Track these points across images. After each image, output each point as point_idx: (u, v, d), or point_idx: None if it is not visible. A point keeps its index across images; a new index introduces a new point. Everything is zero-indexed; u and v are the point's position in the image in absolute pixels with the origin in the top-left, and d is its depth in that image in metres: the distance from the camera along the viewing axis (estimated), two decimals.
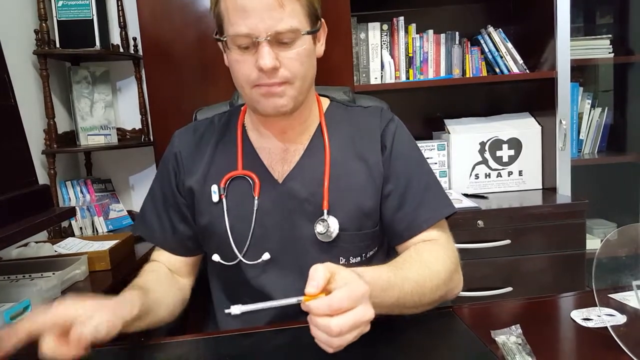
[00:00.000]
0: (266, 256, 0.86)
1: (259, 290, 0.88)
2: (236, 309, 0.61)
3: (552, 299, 0.88)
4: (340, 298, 0.58)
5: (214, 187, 0.88)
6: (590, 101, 2.11)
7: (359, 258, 0.89)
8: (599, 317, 0.76)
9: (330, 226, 0.84)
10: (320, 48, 0.87)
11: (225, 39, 0.80)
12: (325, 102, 0.97)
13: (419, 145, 2.13)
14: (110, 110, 2.12)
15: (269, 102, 0.81)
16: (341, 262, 0.87)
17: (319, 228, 0.84)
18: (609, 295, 0.80)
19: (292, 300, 0.61)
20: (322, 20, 0.85)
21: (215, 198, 0.88)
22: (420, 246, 0.86)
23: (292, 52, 0.78)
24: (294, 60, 0.79)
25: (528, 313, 0.84)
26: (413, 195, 0.88)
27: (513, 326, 0.72)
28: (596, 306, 0.73)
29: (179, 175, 0.93)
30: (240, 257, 0.87)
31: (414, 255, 0.81)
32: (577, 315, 0.78)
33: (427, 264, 0.79)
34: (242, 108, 0.97)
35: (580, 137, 2.13)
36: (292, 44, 0.78)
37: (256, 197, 0.87)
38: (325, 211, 0.85)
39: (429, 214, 0.87)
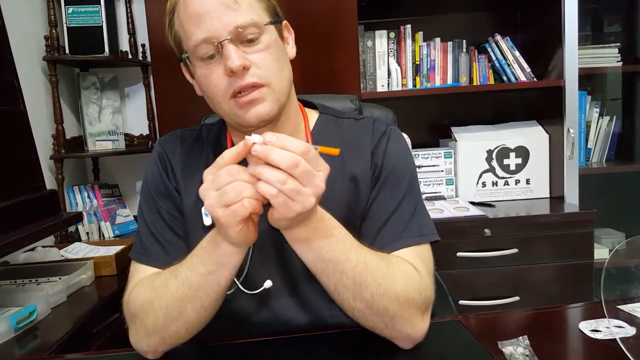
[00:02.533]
0: (268, 284, 0.81)
1: (256, 322, 0.82)
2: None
3: (560, 309, 0.88)
4: (312, 147, 0.59)
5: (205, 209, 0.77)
6: (598, 110, 2.10)
7: None
8: (608, 328, 0.75)
9: None
10: (292, 50, 0.82)
11: (186, 55, 0.76)
12: (314, 115, 0.90)
13: (425, 153, 2.10)
14: (118, 116, 2.14)
15: (250, 113, 0.74)
16: None
17: None
18: (618, 307, 0.79)
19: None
20: (286, 21, 0.81)
21: (207, 222, 0.82)
22: (393, 256, 0.78)
23: (259, 49, 0.73)
24: (264, 58, 0.74)
25: (536, 323, 0.83)
26: (399, 218, 0.80)
27: (520, 337, 0.71)
28: (605, 317, 0.72)
29: (170, 178, 0.86)
30: (238, 283, 0.81)
31: (382, 253, 0.75)
32: (586, 326, 0.77)
33: (389, 264, 0.73)
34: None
35: (588, 146, 2.12)
36: (258, 40, 0.73)
37: None
38: None
39: (409, 235, 0.79)
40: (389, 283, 0.70)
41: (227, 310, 0.81)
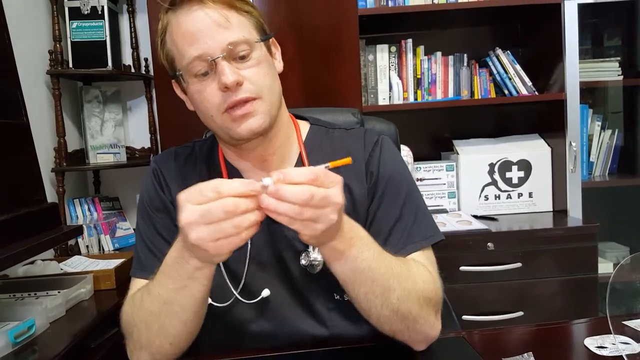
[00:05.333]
0: (266, 292, 0.81)
1: (257, 332, 0.83)
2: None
3: (565, 325, 0.86)
4: (319, 169, 0.60)
5: None
6: (600, 123, 2.10)
7: None
8: (614, 345, 0.73)
9: (312, 257, 0.80)
10: (279, 65, 0.85)
11: (180, 72, 0.78)
12: (305, 126, 0.92)
13: (427, 165, 2.11)
14: (120, 129, 2.14)
15: (242, 127, 0.76)
16: (336, 297, 0.82)
17: (303, 262, 0.81)
18: (624, 322, 0.78)
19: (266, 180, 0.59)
20: (273, 37, 0.84)
21: None
22: (409, 258, 0.81)
23: (250, 65, 0.76)
24: (255, 73, 0.76)
25: (540, 340, 0.82)
26: (402, 226, 0.82)
27: (525, 354, 0.70)
28: (611, 333, 0.71)
29: (166, 193, 0.87)
30: (236, 294, 0.81)
31: (400, 257, 0.77)
32: (591, 342, 0.76)
33: (409, 267, 0.75)
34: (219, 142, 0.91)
35: (591, 159, 2.11)
36: (249, 57, 0.76)
37: None
38: (311, 247, 0.80)
39: (412, 243, 0.81)
40: (412, 286, 0.73)
41: (226, 320, 0.82)
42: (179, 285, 0.69)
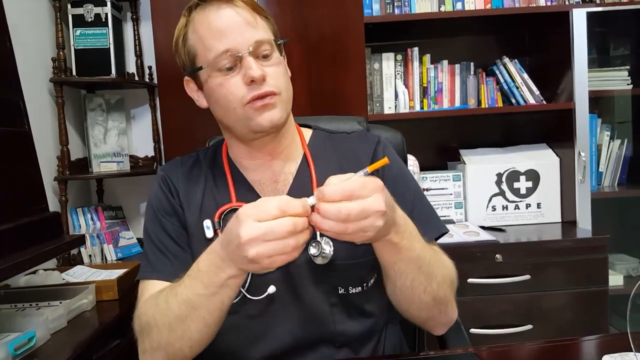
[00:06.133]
0: (272, 289, 0.83)
1: (262, 328, 0.85)
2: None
3: (580, 341, 0.83)
4: (353, 182, 0.62)
5: (207, 222, 0.86)
6: (609, 133, 2.07)
7: (360, 288, 0.87)
8: None
9: (323, 248, 0.81)
10: (288, 69, 0.89)
11: (205, 67, 0.82)
12: (308, 132, 0.98)
13: (433, 175, 2.11)
14: (124, 137, 2.13)
15: (264, 116, 0.81)
16: (340, 292, 0.85)
17: (312, 250, 0.81)
18: None
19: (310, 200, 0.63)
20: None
21: (209, 234, 0.85)
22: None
23: (272, 64, 0.82)
24: (276, 72, 0.82)
25: (554, 357, 0.79)
26: (418, 216, 0.85)
27: None
28: (631, 351, 0.68)
29: (175, 197, 0.90)
30: (243, 291, 0.83)
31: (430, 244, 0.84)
32: None
33: (438, 253, 0.83)
34: (222, 144, 0.95)
35: (600, 170, 2.08)
36: (270, 57, 0.82)
37: None
38: (318, 233, 0.81)
39: (428, 233, 0.85)
40: (445, 271, 0.80)
41: (233, 318, 0.82)
42: (210, 291, 0.70)
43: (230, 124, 0.85)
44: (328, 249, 0.81)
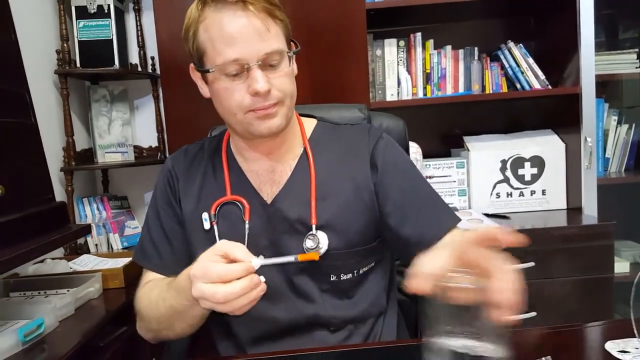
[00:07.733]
0: (262, 278, 0.84)
1: (256, 316, 0.86)
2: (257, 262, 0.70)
3: (583, 327, 0.83)
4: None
5: (205, 215, 0.90)
6: (616, 118, 2.05)
7: (351, 275, 0.89)
8: (637, 349, 0.71)
9: (320, 241, 0.85)
10: (295, 69, 0.89)
11: (212, 70, 0.81)
12: (311, 122, 0.98)
13: (437, 163, 2.10)
14: (128, 128, 2.14)
15: (264, 124, 0.83)
16: (332, 279, 0.88)
17: (309, 243, 0.85)
18: None
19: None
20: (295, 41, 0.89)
21: (207, 226, 0.89)
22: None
23: (279, 74, 0.82)
24: (282, 81, 0.83)
25: (558, 343, 0.79)
26: (416, 211, 0.88)
27: (543, 358, 0.68)
28: (634, 337, 0.68)
29: (174, 189, 0.94)
30: None
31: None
32: (613, 347, 0.73)
33: None
34: (225, 134, 0.98)
35: (606, 155, 2.06)
36: (279, 66, 0.82)
37: (247, 221, 0.87)
38: (314, 226, 0.86)
39: (435, 228, 0.86)
40: None
41: None
42: (192, 303, 0.74)
43: (231, 122, 0.87)
44: (323, 240, 0.84)
